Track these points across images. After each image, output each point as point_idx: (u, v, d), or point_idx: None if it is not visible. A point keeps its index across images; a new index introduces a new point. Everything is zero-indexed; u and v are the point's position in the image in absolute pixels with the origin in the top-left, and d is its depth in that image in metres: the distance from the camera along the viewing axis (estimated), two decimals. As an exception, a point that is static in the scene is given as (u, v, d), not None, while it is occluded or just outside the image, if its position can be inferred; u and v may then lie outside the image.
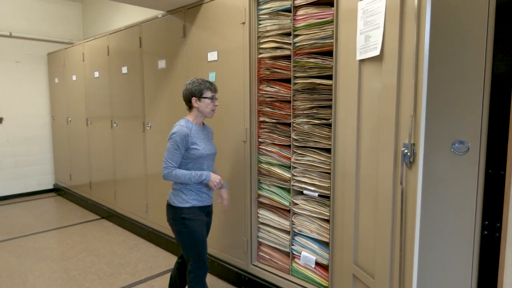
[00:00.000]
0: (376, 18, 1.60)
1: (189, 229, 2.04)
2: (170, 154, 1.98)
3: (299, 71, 2.21)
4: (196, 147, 2.03)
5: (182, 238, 2.06)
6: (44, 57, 5.58)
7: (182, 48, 3.00)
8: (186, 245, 2.06)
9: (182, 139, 1.98)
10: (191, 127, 2.05)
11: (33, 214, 4.67)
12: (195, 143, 2.03)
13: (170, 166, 1.99)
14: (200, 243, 2.06)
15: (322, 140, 2.16)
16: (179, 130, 1.99)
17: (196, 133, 2.06)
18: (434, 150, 1.66)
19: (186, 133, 1.99)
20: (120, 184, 4.09)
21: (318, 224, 2.24)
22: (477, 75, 1.54)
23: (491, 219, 1.55)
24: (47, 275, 2.98)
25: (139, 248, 3.52)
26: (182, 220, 2.03)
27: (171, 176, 1.99)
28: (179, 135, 1.98)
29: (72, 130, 5.06)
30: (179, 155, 1.99)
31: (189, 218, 2.04)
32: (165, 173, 1.99)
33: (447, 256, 1.67)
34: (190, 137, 2.00)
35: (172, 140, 1.98)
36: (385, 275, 1.62)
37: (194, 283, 2.08)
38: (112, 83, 4.02)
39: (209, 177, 2.04)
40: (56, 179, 5.75)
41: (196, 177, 2.01)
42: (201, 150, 2.04)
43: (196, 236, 2.04)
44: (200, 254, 2.06)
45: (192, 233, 2.04)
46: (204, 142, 2.09)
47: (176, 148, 1.98)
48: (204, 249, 2.09)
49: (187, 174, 2.00)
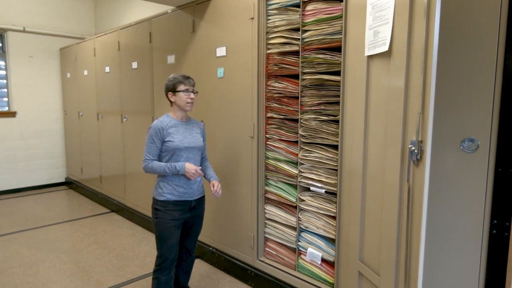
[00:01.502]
0: (385, 13, 1.57)
1: (158, 221, 2.10)
2: (147, 147, 2.09)
3: (307, 66, 2.20)
4: (171, 140, 2.08)
5: (154, 229, 2.14)
6: (57, 52, 5.65)
7: (191, 44, 3.01)
8: (155, 237, 2.14)
9: (156, 132, 2.07)
10: (169, 121, 2.12)
11: (45, 207, 4.77)
12: (171, 136, 2.09)
13: (147, 159, 2.09)
14: (164, 237, 2.09)
15: (329, 137, 2.14)
16: (154, 125, 2.09)
17: (174, 126, 2.12)
18: (443, 148, 1.63)
19: (160, 127, 2.08)
20: (129, 178, 4.14)
21: (324, 221, 2.24)
22: (488, 72, 1.51)
23: (500, 218, 1.53)
24: (58, 266, 3.04)
25: (148, 241, 3.56)
26: (155, 210, 2.12)
27: (149, 168, 2.09)
28: (153, 129, 2.08)
29: (83, 124, 5.13)
30: (155, 148, 2.09)
31: (160, 210, 2.09)
32: (144, 165, 2.10)
33: (454, 255, 1.65)
34: (165, 131, 2.08)
35: (148, 134, 2.10)
36: (390, 272, 1.61)
37: (152, 278, 2.14)
38: (123, 78, 4.06)
39: (183, 168, 2.07)
40: (68, 173, 5.85)
41: (171, 169, 2.05)
42: (176, 143, 2.08)
43: (162, 230, 2.09)
44: (162, 249, 2.10)
45: (159, 225, 2.09)
46: (183, 136, 2.13)
47: (152, 141, 2.08)
48: (168, 246, 2.09)
49: (162, 165, 2.06)
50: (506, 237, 1.52)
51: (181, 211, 2.13)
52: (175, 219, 2.11)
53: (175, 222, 2.11)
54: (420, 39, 1.38)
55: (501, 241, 1.53)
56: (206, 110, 2.93)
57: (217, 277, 2.84)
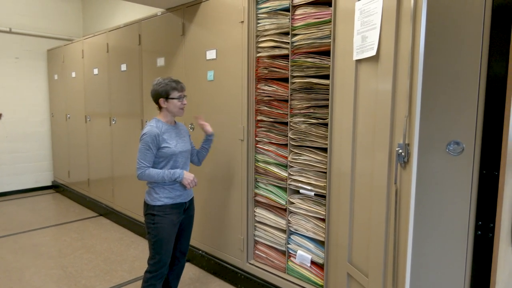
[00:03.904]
0: (373, 19, 1.60)
1: (156, 226, 2.05)
2: (142, 154, 2.01)
3: (297, 70, 2.22)
4: (167, 145, 2.05)
5: (149, 235, 2.09)
6: (44, 53, 5.58)
7: (181, 46, 3.00)
8: (152, 242, 2.08)
9: (152, 139, 2.01)
10: (162, 126, 2.08)
11: (31, 211, 4.68)
12: (166, 141, 2.05)
13: (142, 166, 2.01)
14: (164, 242, 2.06)
15: (318, 140, 2.16)
16: (149, 131, 2.02)
17: (167, 131, 2.09)
18: (429, 151, 1.66)
19: (156, 133, 2.02)
20: (118, 182, 4.10)
21: (314, 223, 2.25)
22: (472, 77, 1.54)
23: (484, 219, 1.56)
24: (44, 271, 2.98)
25: (136, 245, 3.53)
26: (152, 216, 2.06)
27: (145, 176, 2.02)
28: (149, 136, 2.01)
29: (71, 127, 5.06)
30: (151, 155, 2.02)
31: (158, 215, 2.05)
32: (139, 173, 2.02)
33: (441, 256, 1.68)
34: (160, 137, 2.03)
35: (143, 141, 2.01)
36: (378, 274, 1.63)
37: (147, 285, 2.09)
38: (111, 81, 4.03)
39: (182, 175, 2.05)
40: (55, 176, 5.76)
41: (169, 176, 2.03)
42: (172, 148, 2.06)
43: (162, 235, 2.05)
44: (161, 255, 2.07)
45: (159, 230, 2.05)
46: (176, 140, 2.11)
47: (147, 148, 2.01)
48: (167, 251, 2.09)
49: (160, 173, 2.02)
50: (490, 238, 1.55)
51: (178, 214, 2.13)
52: (174, 223, 2.10)
53: (173, 226, 2.10)
54: (407, 44, 1.40)
55: (485, 241, 1.57)
56: (196, 113, 2.92)
57: (207, 280, 2.83)
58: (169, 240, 2.09)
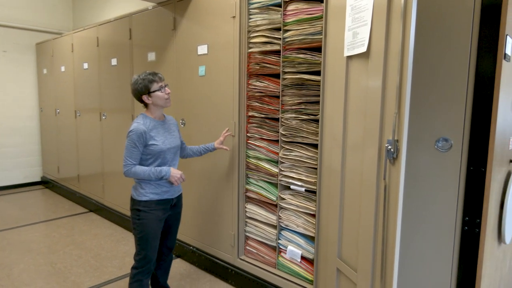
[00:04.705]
0: (364, 15, 1.61)
1: (142, 222, 2.04)
2: (128, 152, 1.99)
3: (288, 66, 2.21)
4: (155, 143, 2.02)
5: (135, 231, 2.07)
6: (33, 47, 5.48)
7: (172, 41, 2.98)
8: (137, 238, 2.07)
9: (138, 136, 1.98)
10: (149, 123, 2.05)
11: (19, 207, 4.62)
12: (154, 138, 2.02)
13: (129, 164, 1.99)
14: (149, 238, 2.05)
15: (309, 136, 2.17)
16: (135, 128, 1.98)
17: (155, 128, 2.06)
18: (418, 147, 1.68)
19: (143, 131, 1.99)
20: (108, 178, 4.06)
21: (304, 219, 2.26)
22: (461, 74, 1.56)
23: (471, 215, 1.58)
24: (33, 268, 2.95)
25: (127, 241, 3.51)
26: (137, 212, 2.05)
27: (131, 173, 2.00)
28: (135, 133, 1.98)
29: (60, 122, 4.99)
30: (137, 152, 2.00)
31: (144, 211, 2.04)
32: (125, 170, 2.00)
33: (428, 251, 1.71)
34: (147, 134, 2.00)
35: (129, 139, 1.99)
36: (367, 269, 1.64)
37: (133, 281, 2.08)
38: (101, 75, 3.98)
39: (169, 173, 2.03)
40: (44, 172, 5.69)
41: (155, 174, 2.00)
42: (160, 145, 2.04)
43: (147, 231, 2.04)
44: (147, 250, 2.06)
45: (144, 226, 2.04)
46: (164, 136, 2.09)
47: (134, 146, 1.98)
48: (153, 247, 2.08)
49: (147, 170, 2.00)
50: (477, 233, 1.57)
51: (164, 210, 2.11)
52: (159, 219, 2.09)
53: (159, 222, 2.09)
54: (397, 41, 1.41)
55: (472, 237, 1.59)
56: (187, 108, 2.91)
57: (198, 276, 2.83)
58: (155, 236, 2.07)
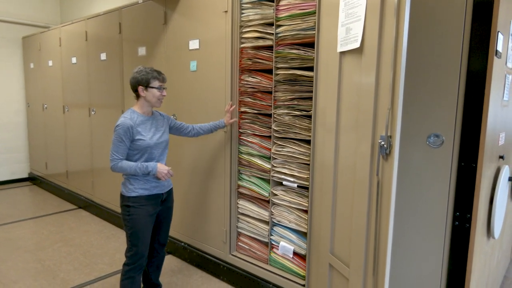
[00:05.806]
0: (357, 11, 1.60)
1: (132, 218, 2.03)
2: (115, 146, 1.97)
3: (281, 62, 2.20)
4: (141, 138, 2.01)
5: (126, 227, 2.06)
6: (19, 40, 5.36)
7: (163, 36, 2.94)
8: (128, 234, 2.06)
9: (125, 131, 1.96)
10: (136, 118, 2.03)
11: (7, 204, 4.53)
12: (140, 133, 2.01)
13: (115, 159, 1.98)
14: (140, 234, 2.04)
15: (302, 132, 2.17)
16: (122, 123, 1.97)
17: (142, 123, 2.04)
18: (410, 143, 1.69)
19: (129, 125, 1.97)
20: (98, 174, 4.01)
21: (296, 215, 2.27)
22: (453, 71, 1.57)
23: (462, 210, 1.60)
24: (21, 265, 2.90)
25: (117, 238, 3.47)
26: (127, 208, 2.03)
27: (117, 168, 1.98)
28: (122, 128, 1.96)
29: (48, 117, 4.90)
30: (124, 147, 1.98)
31: (133, 207, 2.03)
32: (111, 165, 1.99)
33: (420, 246, 1.72)
34: (134, 129, 1.98)
35: (116, 133, 1.97)
36: (359, 264, 1.65)
37: (125, 277, 2.07)
38: (90, 70, 3.91)
39: (155, 168, 2.01)
40: (31, 168, 5.59)
41: (142, 169, 1.99)
42: (146, 141, 2.02)
43: (138, 226, 2.03)
44: (138, 246, 2.05)
45: (134, 222, 2.03)
46: (152, 132, 2.07)
47: (120, 140, 1.96)
48: (144, 243, 2.07)
49: (133, 166, 1.98)
50: (467, 228, 1.60)
51: (154, 205, 2.10)
52: (150, 214, 2.07)
53: (150, 217, 2.07)
54: (390, 37, 1.41)
55: (463, 232, 1.61)
56: (178, 104, 2.87)
57: (189, 272, 2.82)
58: (146, 231, 2.06)
